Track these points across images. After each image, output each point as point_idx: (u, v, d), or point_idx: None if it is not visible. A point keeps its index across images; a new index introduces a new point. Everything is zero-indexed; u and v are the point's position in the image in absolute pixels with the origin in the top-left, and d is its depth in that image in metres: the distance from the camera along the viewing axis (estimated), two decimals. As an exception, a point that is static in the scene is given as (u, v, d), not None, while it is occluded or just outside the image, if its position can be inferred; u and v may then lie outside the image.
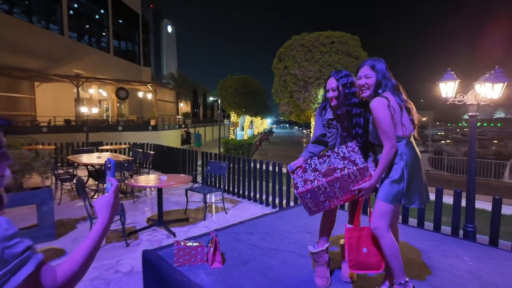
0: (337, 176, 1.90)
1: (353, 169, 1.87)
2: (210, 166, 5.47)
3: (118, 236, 4.10)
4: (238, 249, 2.75)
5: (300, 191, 1.97)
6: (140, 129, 20.80)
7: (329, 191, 1.93)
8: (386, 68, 1.88)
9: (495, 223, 2.98)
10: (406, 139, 1.86)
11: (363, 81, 1.90)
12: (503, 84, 3.23)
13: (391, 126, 1.79)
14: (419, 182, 1.87)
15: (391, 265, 1.87)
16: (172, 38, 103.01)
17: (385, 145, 1.80)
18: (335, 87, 2.05)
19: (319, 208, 2.03)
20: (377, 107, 1.79)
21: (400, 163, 1.83)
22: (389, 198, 1.83)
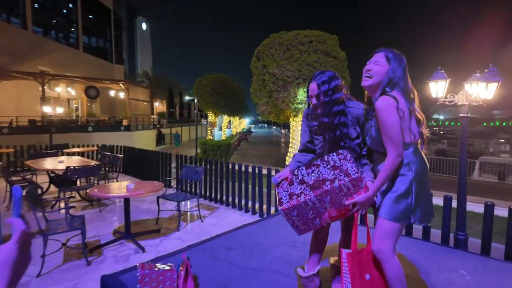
0: (326, 189, 1.62)
1: (345, 181, 1.60)
2: (185, 171, 5.08)
3: (79, 253, 3.63)
4: (215, 269, 2.41)
5: (285, 207, 1.67)
6: (112, 129, 19.84)
7: (318, 206, 1.65)
8: (404, 67, 1.59)
9: (488, 230, 2.83)
10: (414, 146, 1.59)
11: (370, 65, 1.61)
12: (497, 83, 3.11)
13: (399, 130, 1.51)
14: (427, 195, 1.61)
15: None
16: (147, 36, 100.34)
17: (389, 153, 1.53)
18: (317, 93, 1.77)
19: (309, 226, 1.73)
20: (384, 108, 1.50)
21: (408, 174, 1.56)
22: (395, 215, 1.56)
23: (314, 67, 9.44)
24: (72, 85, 22.83)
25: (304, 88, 9.60)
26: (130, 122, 20.86)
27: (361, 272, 1.63)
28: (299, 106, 9.75)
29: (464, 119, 3.26)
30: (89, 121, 21.27)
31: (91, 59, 26.48)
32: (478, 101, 3.20)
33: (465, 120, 3.26)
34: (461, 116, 3.28)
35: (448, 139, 38.80)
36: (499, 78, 3.10)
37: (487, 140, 33.43)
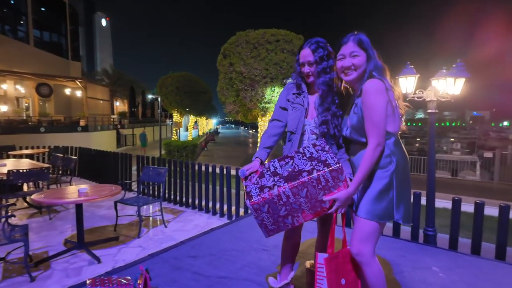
0: (303, 181, 1.43)
1: (324, 171, 1.42)
2: (146, 173, 4.71)
3: (21, 268, 3.17)
4: (178, 281, 2.16)
5: (254, 201, 1.46)
6: (67, 130, 18.53)
7: (292, 201, 1.45)
8: (371, 45, 1.46)
9: (455, 225, 2.85)
10: (396, 136, 1.46)
11: (348, 61, 1.46)
12: (464, 79, 3.17)
13: (385, 117, 1.38)
14: (409, 190, 1.50)
15: None
16: (107, 32, 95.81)
17: (370, 142, 1.39)
18: (312, 60, 1.63)
19: (279, 226, 1.53)
20: (373, 91, 1.37)
21: (389, 168, 1.43)
22: (376, 214, 1.42)
23: (281, 66, 9.41)
24: (21, 82, 21.00)
25: (272, 88, 9.54)
26: (88, 122, 19.63)
27: (338, 278, 1.48)
28: (266, 106, 9.65)
29: (432, 115, 3.30)
30: (41, 121, 19.67)
31: (43, 55, 24.51)
32: (446, 96, 3.26)
33: (433, 116, 3.30)
34: (430, 112, 3.32)
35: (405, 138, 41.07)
36: (466, 73, 3.18)
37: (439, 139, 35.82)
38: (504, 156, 13.78)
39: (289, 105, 1.79)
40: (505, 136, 37.72)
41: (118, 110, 35.55)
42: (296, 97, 1.77)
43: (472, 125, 63.79)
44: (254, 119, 10.96)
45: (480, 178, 14.14)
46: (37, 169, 4.68)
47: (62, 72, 25.11)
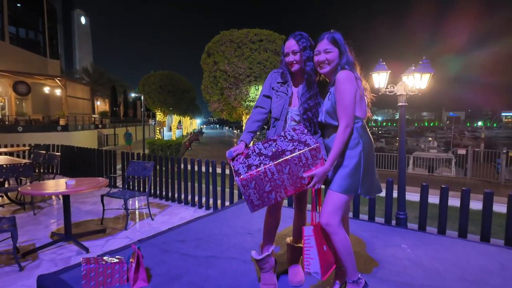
0: (286, 159, 1.62)
1: (305, 150, 1.61)
2: (132, 167, 4.78)
3: (9, 259, 3.20)
4: (167, 262, 2.30)
5: (243, 177, 1.63)
6: (46, 129, 18.05)
7: (276, 178, 1.64)
8: (344, 42, 1.69)
9: (424, 208, 3.12)
10: (362, 121, 1.69)
11: (322, 56, 1.68)
12: (430, 74, 3.46)
13: (353, 102, 1.60)
14: (373, 169, 1.72)
15: (344, 263, 1.70)
16: (86, 30, 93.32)
17: (340, 123, 1.60)
18: (297, 49, 1.79)
19: (263, 201, 1.70)
20: (345, 79, 1.59)
21: (357, 148, 1.65)
22: (345, 188, 1.63)
23: (265, 66, 9.58)
24: (-4, 80, 20.29)
25: (256, 86, 9.71)
26: (69, 121, 19.18)
27: (321, 245, 1.69)
28: (251, 104, 9.81)
29: (402, 108, 3.59)
30: (18, 120, 19.07)
31: (19, 52, 23.73)
32: (414, 91, 3.55)
33: (403, 109, 3.59)
34: (400, 105, 3.60)
35: (386, 138, 42.21)
36: (431, 69, 3.48)
37: (418, 138, 37.10)
38: (476, 153, 14.48)
39: (273, 93, 1.94)
40: (478, 135, 39.45)
41: (99, 109, 34.80)
42: (280, 85, 1.92)
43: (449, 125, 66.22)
44: (239, 117, 11.09)
45: (455, 175, 14.82)
46: (21, 164, 4.66)
47: (40, 70, 24.38)
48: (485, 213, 2.82)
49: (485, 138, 32.70)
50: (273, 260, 1.96)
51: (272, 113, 1.96)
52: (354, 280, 1.71)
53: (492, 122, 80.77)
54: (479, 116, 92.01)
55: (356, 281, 1.71)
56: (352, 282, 1.72)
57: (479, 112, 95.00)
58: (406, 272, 2.14)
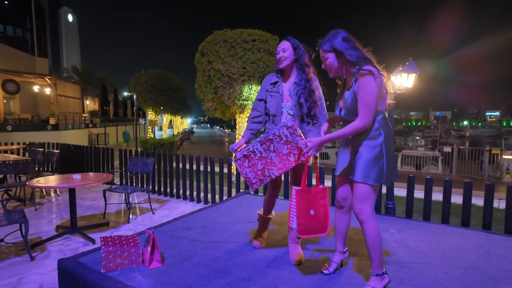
0: (269, 138, 2.02)
1: (283, 129, 1.99)
2: (132, 164, 4.93)
3: (18, 250, 3.34)
4: (177, 246, 2.49)
5: (237, 157, 2.05)
6: (36, 128, 17.88)
7: (265, 156, 2.01)
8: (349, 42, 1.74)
9: (410, 197, 3.39)
10: (383, 114, 1.77)
11: (324, 64, 1.84)
12: (415, 74, 3.74)
13: (375, 100, 1.67)
14: (394, 157, 1.81)
15: (370, 254, 1.76)
16: (74, 28, 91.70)
17: (361, 118, 1.67)
18: (287, 47, 2.13)
19: (259, 179, 2.04)
20: (367, 78, 1.65)
21: (379, 139, 1.71)
22: (371, 178, 1.70)
23: (258, 65, 9.79)
24: (-17, 78, 19.95)
25: (249, 85, 9.92)
26: (59, 120, 19.01)
27: (308, 208, 1.87)
28: (244, 103, 10.01)
29: (391, 106, 3.86)
30: (7, 119, 18.80)
31: (7, 50, 23.37)
32: (401, 89, 3.83)
33: (391, 106, 3.86)
34: (388, 102, 3.87)
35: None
36: (417, 70, 3.75)
37: (406, 137, 37.91)
38: (461, 151, 14.99)
39: (268, 95, 2.28)
40: (463, 134, 40.52)
41: (88, 108, 34.44)
42: (273, 86, 2.25)
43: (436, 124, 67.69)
44: (232, 116, 11.28)
45: (442, 172, 15.31)
46: (23, 161, 4.76)
47: (28, 68, 24.05)
48: (465, 201, 3.10)
49: (470, 136, 33.66)
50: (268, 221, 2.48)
51: (270, 111, 2.28)
52: (378, 273, 1.75)
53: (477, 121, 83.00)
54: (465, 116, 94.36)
55: (380, 275, 1.75)
56: (375, 275, 1.75)
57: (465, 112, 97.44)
58: (394, 252, 2.39)
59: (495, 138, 37.80)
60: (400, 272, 2.05)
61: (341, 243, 2.05)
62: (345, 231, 2.04)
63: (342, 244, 2.05)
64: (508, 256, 2.31)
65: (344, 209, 2.00)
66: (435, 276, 2.01)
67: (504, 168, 12.65)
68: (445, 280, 1.95)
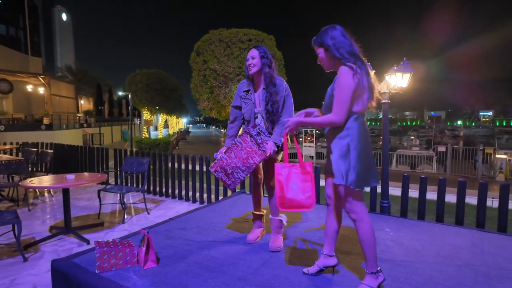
0: (228, 147, 2.39)
1: (236, 138, 2.40)
2: (127, 163, 4.90)
3: (11, 251, 3.30)
4: (173, 246, 2.48)
5: (212, 166, 2.39)
6: (30, 128, 17.71)
7: (230, 162, 2.32)
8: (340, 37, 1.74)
9: (405, 198, 3.40)
10: (358, 115, 1.73)
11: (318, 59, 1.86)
12: (410, 74, 3.76)
13: (350, 98, 1.67)
14: (367, 161, 1.73)
15: (365, 252, 1.75)
16: (68, 27, 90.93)
17: (332, 114, 1.70)
18: (255, 55, 2.34)
19: (232, 181, 2.33)
20: (345, 73, 1.67)
21: (346, 139, 1.71)
22: (339, 177, 1.71)
23: (254, 65, 9.80)
24: (-25, 78, 19.69)
25: (245, 85, 9.93)
26: (53, 120, 18.83)
27: (288, 182, 1.91)
28: (240, 102, 10.02)
29: (386, 105, 3.88)
30: (0, 119, 18.58)
31: (0, 49, 23.12)
32: (396, 89, 3.85)
33: (386, 106, 3.88)
34: (383, 102, 3.89)
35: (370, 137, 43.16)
36: (411, 69, 3.77)
37: (401, 136, 38.18)
38: (455, 150, 15.11)
39: (242, 102, 2.50)
40: (457, 134, 40.89)
41: (83, 108, 34.18)
42: (246, 94, 2.47)
43: (430, 124, 68.18)
44: (228, 116, 11.25)
45: (436, 171, 15.42)
46: (16, 161, 4.71)
47: (21, 68, 23.79)
48: (459, 200, 3.12)
49: (464, 136, 34.01)
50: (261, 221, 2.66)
51: (245, 116, 2.52)
52: (372, 271, 1.74)
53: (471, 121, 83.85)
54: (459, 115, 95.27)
55: (375, 273, 1.74)
56: (370, 273, 1.75)
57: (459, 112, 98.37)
58: (389, 250, 2.40)
59: (488, 138, 38.22)
60: (395, 271, 2.06)
61: (327, 246, 1.98)
62: (332, 233, 1.96)
63: (328, 247, 1.97)
64: (501, 254, 2.34)
65: (330, 206, 1.96)
66: (429, 274, 2.02)
67: (497, 167, 12.77)
68: (439, 278, 1.97)
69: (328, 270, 2.03)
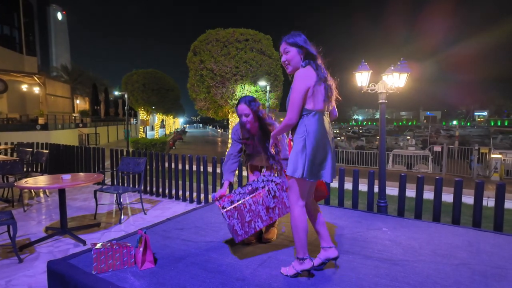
0: (259, 192, 2.14)
1: (272, 184, 2.18)
2: (124, 163, 4.87)
3: (6, 252, 3.26)
4: (170, 246, 2.47)
5: (228, 209, 2.08)
6: (25, 128, 17.56)
7: (254, 208, 2.10)
8: (304, 41, 1.88)
9: (402, 197, 3.42)
10: (315, 112, 1.84)
11: (283, 58, 1.92)
12: (407, 74, 3.78)
13: (301, 99, 1.80)
14: (325, 155, 1.84)
15: (294, 238, 1.91)
16: (63, 27, 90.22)
17: (287, 114, 1.84)
18: (248, 112, 2.36)
19: (245, 230, 2.10)
20: (297, 77, 1.82)
21: (303, 135, 1.82)
22: (291, 170, 1.83)
23: (251, 65, 9.79)
24: (-31, 77, 19.48)
25: (242, 85, 9.90)
26: (48, 120, 18.69)
27: None
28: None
29: (383, 105, 3.89)
30: (-6, 119, 18.41)
31: (-7, 48, 22.88)
32: (393, 89, 3.86)
33: (383, 106, 3.89)
34: (380, 102, 3.90)
35: (366, 137, 43.39)
36: (408, 69, 3.79)
37: (397, 136, 38.40)
38: (451, 150, 15.22)
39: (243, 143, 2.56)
40: (453, 134, 41.18)
41: (78, 108, 33.95)
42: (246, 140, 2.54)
43: (426, 124, 68.59)
44: (225, 115, 11.25)
45: (432, 171, 15.51)
46: (11, 161, 4.66)
47: (16, 67, 23.56)
48: (455, 198, 3.14)
49: (459, 136, 34.27)
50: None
51: (247, 151, 2.62)
52: (298, 257, 1.92)
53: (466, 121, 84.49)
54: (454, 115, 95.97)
55: (301, 259, 1.91)
56: (297, 258, 1.93)
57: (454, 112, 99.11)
58: (387, 250, 2.41)
59: (483, 138, 38.56)
60: (393, 270, 2.07)
61: (322, 239, 2.02)
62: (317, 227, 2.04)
63: (323, 239, 2.01)
64: (497, 252, 2.35)
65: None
66: (427, 273, 2.03)
67: (492, 167, 12.87)
68: (436, 277, 1.98)
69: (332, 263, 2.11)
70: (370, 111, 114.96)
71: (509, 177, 12.79)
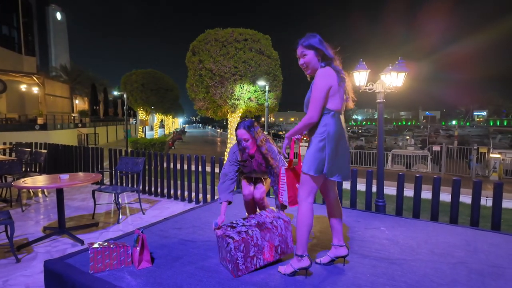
0: (268, 227, 2.08)
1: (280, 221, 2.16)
2: (122, 163, 4.86)
3: (3, 252, 3.26)
4: (168, 246, 2.46)
5: (236, 239, 1.95)
6: (24, 128, 17.53)
7: (260, 243, 2.02)
8: (319, 42, 1.89)
9: (400, 196, 3.42)
10: (334, 112, 1.88)
11: (301, 61, 1.93)
12: (405, 73, 3.78)
13: (323, 97, 1.82)
14: (342, 155, 1.89)
15: (296, 234, 1.93)
16: (62, 27, 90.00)
17: (309, 112, 1.85)
18: (248, 137, 2.43)
19: (246, 266, 1.97)
20: (319, 76, 1.84)
21: (322, 134, 1.85)
22: (307, 168, 1.87)
23: (250, 65, 9.78)
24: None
25: (241, 85, 9.90)
26: (47, 120, 18.66)
27: (293, 182, 2.14)
28: (236, 102, 9.98)
29: (381, 105, 3.90)
30: (-7, 119, 18.38)
31: (-8, 48, 22.83)
32: (391, 88, 3.86)
33: (381, 105, 3.90)
34: (378, 101, 3.91)
35: (365, 137, 43.42)
36: (406, 68, 3.80)
37: (396, 136, 38.40)
38: (450, 150, 15.22)
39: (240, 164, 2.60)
40: (452, 134, 41.22)
41: (77, 108, 33.91)
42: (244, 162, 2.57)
43: (425, 124, 68.63)
44: (224, 115, 11.23)
45: (431, 170, 15.52)
46: (9, 161, 4.65)
47: (15, 67, 23.52)
48: (453, 197, 3.14)
49: (458, 136, 34.29)
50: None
51: (244, 171, 2.66)
52: (297, 254, 1.92)
53: (465, 121, 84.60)
54: (453, 115, 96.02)
55: (299, 256, 1.91)
56: (296, 255, 1.94)
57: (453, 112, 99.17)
58: (384, 249, 2.41)
59: (482, 137, 38.59)
60: (390, 269, 2.07)
61: (334, 237, 2.11)
62: (334, 224, 2.11)
63: (336, 237, 2.10)
64: (494, 252, 2.36)
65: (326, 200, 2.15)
66: (424, 272, 2.03)
67: (491, 167, 12.89)
68: (434, 276, 1.98)
69: (339, 260, 2.14)
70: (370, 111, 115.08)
71: (508, 176, 12.81)
